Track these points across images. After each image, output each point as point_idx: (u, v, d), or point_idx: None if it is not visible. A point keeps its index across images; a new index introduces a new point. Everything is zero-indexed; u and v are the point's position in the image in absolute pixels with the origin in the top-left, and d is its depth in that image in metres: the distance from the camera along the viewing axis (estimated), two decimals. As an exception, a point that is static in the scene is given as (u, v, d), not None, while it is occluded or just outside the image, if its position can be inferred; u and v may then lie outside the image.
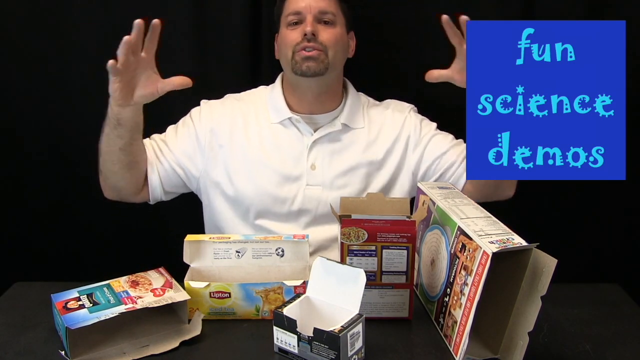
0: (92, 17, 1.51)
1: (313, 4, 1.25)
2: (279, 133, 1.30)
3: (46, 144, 1.58)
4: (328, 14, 1.26)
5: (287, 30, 1.27)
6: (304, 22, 1.25)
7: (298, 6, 1.26)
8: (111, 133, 1.15)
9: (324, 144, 1.29)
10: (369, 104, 1.38)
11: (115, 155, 1.18)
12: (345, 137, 1.31)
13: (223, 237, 1.07)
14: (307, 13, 1.25)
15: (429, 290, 1.01)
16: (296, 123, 1.29)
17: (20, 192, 1.61)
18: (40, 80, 1.54)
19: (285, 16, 1.28)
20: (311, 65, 1.23)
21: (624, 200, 1.58)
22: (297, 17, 1.26)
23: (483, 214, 0.95)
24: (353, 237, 0.95)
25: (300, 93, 1.30)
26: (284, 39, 1.28)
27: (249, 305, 0.99)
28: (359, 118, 1.33)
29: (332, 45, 1.25)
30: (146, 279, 1.00)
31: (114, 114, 1.13)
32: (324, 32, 1.25)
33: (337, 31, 1.27)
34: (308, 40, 1.23)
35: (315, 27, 1.24)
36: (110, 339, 0.91)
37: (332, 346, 0.82)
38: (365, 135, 1.31)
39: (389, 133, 1.32)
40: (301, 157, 1.28)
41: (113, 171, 1.21)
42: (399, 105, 1.39)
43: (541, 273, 0.80)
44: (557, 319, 0.98)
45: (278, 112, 1.30)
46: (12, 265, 1.59)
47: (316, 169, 1.28)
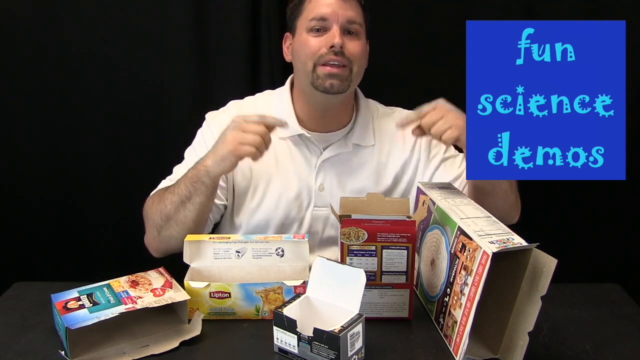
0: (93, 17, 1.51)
1: (341, 11, 1.14)
2: (288, 150, 1.23)
3: (46, 143, 1.58)
4: (355, 24, 1.16)
5: (309, 37, 1.15)
6: (330, 31, 1.14)
7: (324, 12, 1.14)
8: (206, 200, 1.10)
9: (333, 164, 1.23)
10: (378, 114, 1.30)
11: (204, 218, 1.14)
12: (355, 158, 1.24)
13: (223, 237, 1.07)
14: (333, 21, 1.14)
15: (429, 290, 1.01)
16: (306, 140, 1.23)
17: (20, 192, 1.61)
18: (40, 80, 1.55)
19: (307, 19, 1.16)
20: (335, 84, 1.14)
21: (624, 200, 1.58)
22: (321, 24, 1.14)
23: (483, 214, 0.95)
24: (353, 237, 0.95)
25: (312, 107, 1.22)
26: (304, 46, 1.16)
27: (249, 305, 0.99)
28: (369, 134, 1.26)
29: (358, 59, 1.16)
30: (146, 279, 1.00)
31: (213, 182, 1.09)
32: (350, 45, 1.14)
33: (362, 43, 1.18)
34: (335, 54, 1.13)
35: (342, 38, 1.13)
36: (110, 339, 0.91)
37: (332, 346, 0.82)
38: (375, 156, 1.25)
39: (399, 156, 1.26)
40: (309, 177, 1.23)
41: (193, 232, 1.12)
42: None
43: (541, 273, 0.80)
44: (557, 319, 0.98)
45: (287, 127, 1.19)
46: (12, 265, 1.59)
47: (324, 190, 1.23)
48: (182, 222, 1.13)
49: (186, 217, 1.12)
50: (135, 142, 1.59)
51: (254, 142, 1.04)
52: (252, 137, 1.04)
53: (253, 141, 1.04)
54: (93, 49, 1.52)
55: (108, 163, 1.61)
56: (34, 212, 1.62)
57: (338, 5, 1.14)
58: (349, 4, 1.15)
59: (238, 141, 1.04)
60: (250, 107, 1.28)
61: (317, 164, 1.23)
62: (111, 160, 1.61)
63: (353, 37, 1.16)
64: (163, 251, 1.19)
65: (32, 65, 1.53)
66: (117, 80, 1.55)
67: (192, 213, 1.11)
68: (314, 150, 1.23)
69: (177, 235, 1.13)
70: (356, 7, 1.17)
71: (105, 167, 1.61)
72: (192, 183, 1.10)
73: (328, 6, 1.14)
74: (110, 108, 1.57)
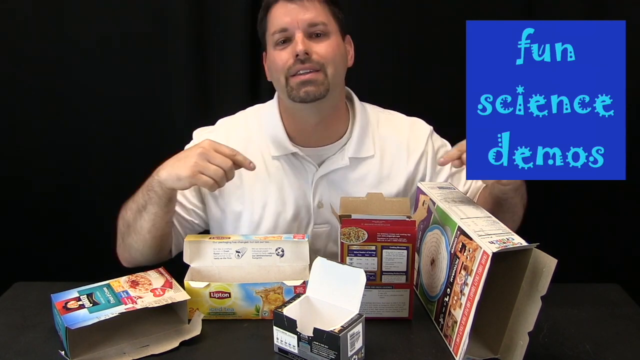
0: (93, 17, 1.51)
1: (300, 16, 1.09)
2: (282, 169, 1.18)
3: (46, 146, 1.59)
4: (319, 26, 1.10)
5: (275, 51, 1.12)
6: (293, 40, 1.09)
7: (283, 22, 1.10)
8: (160, 211, 1.07)
9: (331, 180, 1.18)
10: (379, 122, 1.23)
11: (160, 231, 1.10)
12: (353, 171, 1.19)
13: (223, 237, 1.07)
14: (294, 29, 1.09)
15: (429, 290, 1.00)
16: (299, 158, 1.18)
17: (20, 192, 1.61)
18: (40, 79, 1.55)
19: (271, 34, 1.13)
20: (310, 90, 1.09)
21: (624, 200, 1.58)
22: (284, 35, 1.10)
23: (483, 214, 0.95)
24: (353, 237, 0.95)
25: (301, 121, 1.17)
26: (273, 61, 1.13)
27: (249, 305, 0.99)
28: (367, 144, 1.20)
29: (330, 60, 1.10)
30: (146, 279, 1.00)
31: (166, 195, 1.06)
32: (318, 47, 1.10)
33: (333, 42, 1.12)
34: (302, 62, 1.08)
35: (307, 44, 1.08)
36: (110, 339, 0.91)
37: (332, 346, 0.82)
38: (376, 168, 1.20)
39: (402, 171, 1.21)
40: (307, 195, 1.18)
41: (151, 246, 1.12)
42: (416, 132, 1.23)
43: (541, 273, 0.80)
44: (557, 319, 0.98)
45: (279, 146, 1.18)
46: (12, 265, 1.59)
47: (323, 207, 1.18)
48: (139, 232, 1.10)
49: (142, 227, 1.09)
50: (135, 145, 1.59)
51: (214, 174, 1.01)
52: (214, 170, 1.01)
53: (214, 174, 1.01)
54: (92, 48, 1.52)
55: (108, 164, 1.61)
56: (34, 212, 1.62)
57: (296, 11, 1.09)
58: (309, 5, 1.10)
59: (199, 169, 1.01)
60: (241, 126, 1.23)
61: (314, 181, 1.18)
62: (112, 162, 1.61)
63: (321, 39, 1.11)
64: (127, 260, 1.17)
65: (32, 65, 1.53)
66: (116, 82, 1.55)
67: (147, 223, 1.08)
68: (309, 167, 1.18)
69: (136, 245, 1.12)
70: (319, 7, 1.11)
71: (106, 168, 1.61)
72: (147, 191, 1.07)
73: (286, 15, 1.10)
74: (111, 109, 1.57)
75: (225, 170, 1.01)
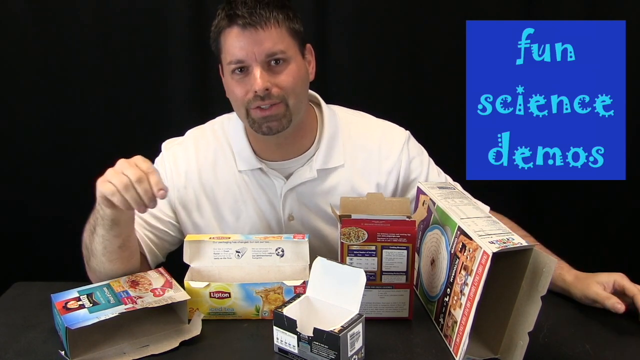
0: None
1: (257, 48, 1.01)
2: (250, 182, 1.15)
3: (45, 143, 1.59)
4: (277, 54, 1.03)
5: (233, 81, 1.06)
6: (251, 74, 1.03)
7: (239, 55, 1.03)
8: (107, 234, 0.99)
9: (300, 193, 1.15)
10: (349, 127, 1.18)
11: (115, 254, 1.01)
12: (323, 184, 1.15)
13: (223, 237, 1.07)
14: (251, 61, 1.02)
15: (429, 290, 1.00)
16: (266, 171, 1.15)
17: (20, 192, 1.61)
18: (40, 79, 1.55)
19: (227, 61, 1.06)
20: (273, 125, 1.05)
21: (623, 200, 1.58)
22: (240, 65, 1.04)
23: (483, 214, 0.95)
24: (353, 237, 0.95)
25: (263, 141, 1.13)
26: (232, 92, 1.07)
27: (249, 305, 0.99)
28: (336, 153, 1.15)
29: (291, 90, 1.05)
30: (146, 279, 1.00)
31: (107, 216, 0.96)
32: (279, 79, 1.04)
33: (293, 68, 1.05)
34: (261, 98, 1.03)
35: (265, 79, 1.02)
36: (110, 339, 0.91)
37: (332, 346, 0.82)
38: (346, 176, 1.16)
39: (372, 180, 1.17)
40: (277, 208, 1.16)
41: (112, 269, 1.03)
42: (389, 138, 1.17)
43: (541, 273, 0.80)
44: (557, 319, 0.98)
45: (245, 161, 1.15)
46: (12, 265, 1.59)
47: (294, 220, 1.16)
48: (96, 255, 1.03)
49: (95, 248, 1.02)
50: (135, 145, 1.58)
51: (119, 182, 0.91)
52: (119, 178, 0.91)
53: (118, 182, 0.91)
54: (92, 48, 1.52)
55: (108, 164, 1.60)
56: (34, 212, 1.62)
57: (252, 42, 1.02)
58: (265, 34, 1.02)
59: (107, 179, 0.93)
60: (210, 137, 1.19)
61: (282, 195, 1.15)
62: (111, 161, 1.60)
63: (281, 67, 1.04)
64: (98, 280, 1.05)
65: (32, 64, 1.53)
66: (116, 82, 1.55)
67: (99, 245, 1.01)
68: (276, 180, 1.15)
69: (99, 268, 1.03)
70: (275, 32, 1.03)
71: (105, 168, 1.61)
72: (95, 212, 1.01)
73: (242, 48, 1.02)
74: (111, 109, 1.57)
75: (132, 180, 0.91)
